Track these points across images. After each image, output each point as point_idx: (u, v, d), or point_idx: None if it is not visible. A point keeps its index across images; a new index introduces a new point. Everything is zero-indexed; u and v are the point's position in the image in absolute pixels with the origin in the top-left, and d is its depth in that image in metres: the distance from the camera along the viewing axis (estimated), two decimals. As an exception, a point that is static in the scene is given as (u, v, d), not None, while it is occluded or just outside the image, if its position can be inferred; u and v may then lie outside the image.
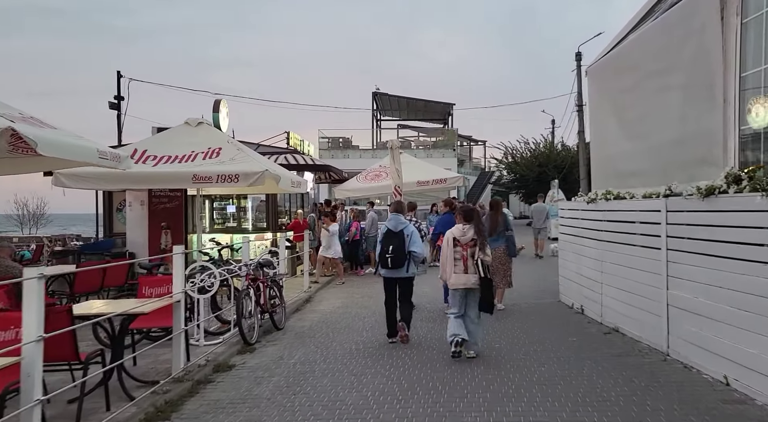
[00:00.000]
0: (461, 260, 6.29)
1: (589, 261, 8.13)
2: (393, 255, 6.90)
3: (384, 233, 7.19)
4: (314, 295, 11.42)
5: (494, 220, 9.07)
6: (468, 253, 6.26)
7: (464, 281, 6.24)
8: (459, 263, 6.28)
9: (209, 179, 9.78)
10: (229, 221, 14.63)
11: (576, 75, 27.10)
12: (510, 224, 9.43)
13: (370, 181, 15.88)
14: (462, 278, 6.25)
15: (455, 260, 6.31)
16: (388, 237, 7.08)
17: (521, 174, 35.43)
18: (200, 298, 6.90)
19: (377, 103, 31.21)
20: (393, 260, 6.90)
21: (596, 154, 9.06)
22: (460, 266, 6.27)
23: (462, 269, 6.26)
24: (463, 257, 6.29)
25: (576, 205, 8.91)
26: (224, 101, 15.39)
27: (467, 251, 6.27)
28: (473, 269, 6.19)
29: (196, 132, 10.81)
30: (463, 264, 6.28)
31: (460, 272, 6.26)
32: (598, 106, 8.91)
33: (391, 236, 7.10)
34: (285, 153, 13.56)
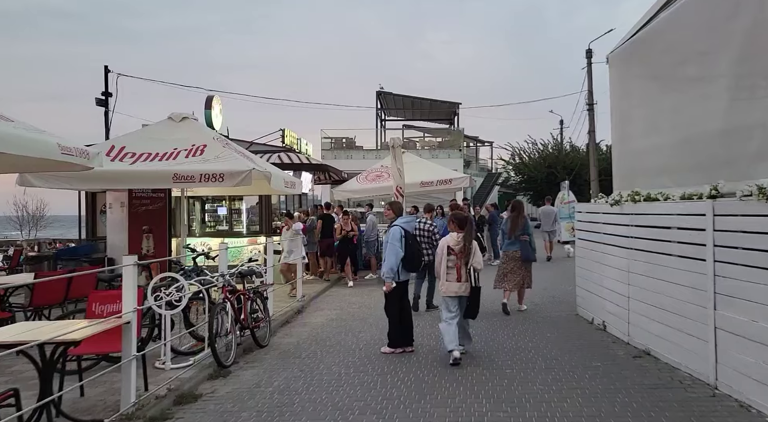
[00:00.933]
0: (454, 269, 6.21)
1: (612, 272, 7.10)
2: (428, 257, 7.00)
3: (405, 237, 6.61)
4: (308, 305, 10.44)
5: (515, 222, 8.85)
6: (462, 262, 6.19)
7: (456, 289, 6.21)
8: (452, 272, 6.21)
9: (191, 179, 8.87)
10: (222, 224, 13.70)
11: (587, 73, 26.04)
12: (529, 227, 9.06)
13: (371, 182, 14.90)
14: (454, 286, 6.22)
15: (448, 268, 6.23)
16: (413, 239, 6.76)
17: (529, 175, 34.30)
18: (167, 314, 5.93)
19: (381, 102, 30.21)
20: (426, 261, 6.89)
21: (619, 150, 8.02)
22: (453, 274, 6.21)
23: (455, 278, 6.20)
24: (457, 266, 6.20)
25: (597, 208, 7.87)
26: (217, 98, 14.48)
27: (461, 260, 6.20)
28: (466, 278, 6.18)
29: (179, 128, 9.90)
30: (456, 273, 6.20)
31: (453, 281, 6.22)
32: (621, 96, 7.87)
33: (413, 238, 6.78)
34: (279, 152, 12.62)
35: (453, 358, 5.99)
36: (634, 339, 6.48)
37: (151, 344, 6.23)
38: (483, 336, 7.47)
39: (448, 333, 6.14)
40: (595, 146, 26.60)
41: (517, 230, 8.80)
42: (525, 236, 8.85)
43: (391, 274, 6.52)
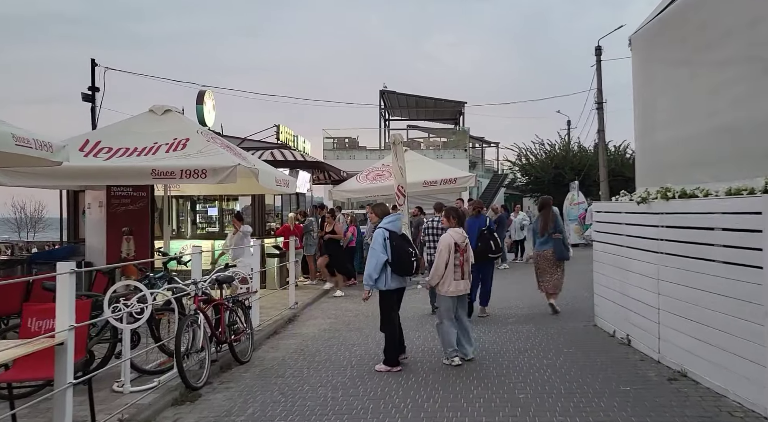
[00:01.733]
0: (459, 266, 5.98)
1: (638, 279, 6.20)
2: (416, 258, 5.97)
3: (389, 238, 5.91)
4: (300, 313, 9.58)
5: (545, 220, 8.47)
6: (464, 258, 6.03)
7: (462, 287, 6.04)
8: (458, 270, 5.97)
9: (171, 175, 8.06)
10: (214, 225, 12.89)
11: (595, 71, 25.09)
12: (560, 225, 8.70)
13: (371, 181, 14.04)
14: (461, 284, 6.02)
15: (455, 266, 5.95)
16: (398, 240, 5.94)
17: (536, 176, 33.31)
18: (126, 328, 5.10)
19: (385, 101, 29.35)
20: (416, 264, 5.95)
21: (642, 143, 7.13)
22: (458, 272, 5.97)
23: (460, 276, 5.99)
24: (461, 263, 6.00)
25: (618, 207, 6.99)
26: (210, 93, 13.67)
27: (463, 255, 6.04)
28: (468, 275, 6.06)
29: (161, 121, 9.08)
30: (461, 270, 5.99)
31: (459, 279, 6.00)
32: (645, 82, 6.99)
33: (399, 239, 6.00)
34: (272, 149, 11.79)
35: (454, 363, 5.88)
36: (667, 357, 5.58)
37: (115, 361, 5.42)
38: (491, 350, 6.59)
39: (446, 336, 5.97)
40: (604, 145, 25.64)
41: (549, 228, 8.41)
42: (558, 234, 8.48)
43: (370, 281, 5.86)
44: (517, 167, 36.00)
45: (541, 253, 8.65)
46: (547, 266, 8.48)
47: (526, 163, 34.66)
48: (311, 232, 12.74)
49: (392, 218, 6.21)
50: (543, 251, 8.60)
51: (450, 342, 5.98)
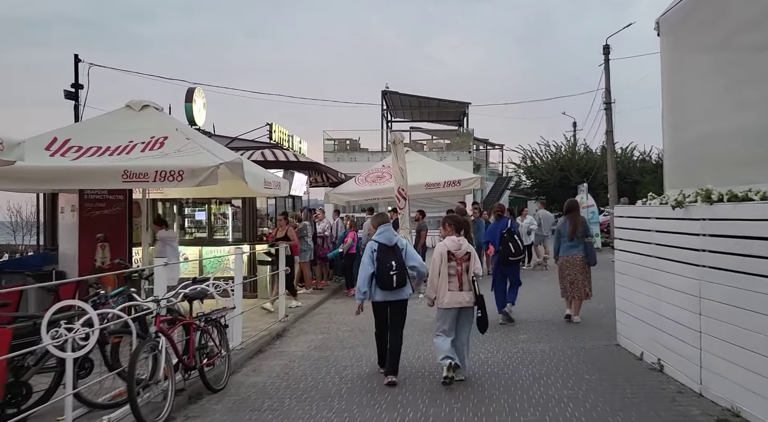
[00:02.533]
0: (456, 276, 5.56)
1: (673, 295, 5.30)
2: (398, 272, 5.61)
3: (376, 250, 5.74)
4: (291, 326, 8.71)
5: (574, 223, 8.02)
6: (463, 268, 5.59)
7: (460, 299, 5.54)
8: (454, 280, 5.56)
9: (144, 177, 7.18)
10: (203, 230, 12.02)
11: (603, 70, 24.16)
12: (589, 229, 8.36)
13: (370, 183, 13.17)
14: (457, 296, 5.55)
15: (449, 275, 5.57)
16: (386, 252, 5.70)
17: (541, 179, 32.39)
18: (69, 357, 4.23)
19: (387, 102, 28.47)
20: (398, 278, 5.61)
21: (673, 138, 6.24)
22: (455, 282, 5.56)
23: (457, 286, 5.55)
24: (458, 273, 5.56)
25: (647, 211, 6.09)
26: (200, 90, 12.85)
27: (462, 265, 5.59)
28: (468, 286, 5.56)
29: (139, 118, 8.22)
30: (458, 280, 5.55)
31: (455, 290, 5.55)
32: (676, 70, 6.10)
33: (387, 251, 5.73)
34: (263, 148, 10.95)
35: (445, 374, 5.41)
36: (711, 390, 4.68)
37: (62, 391, 4.57)
38: (501, 376, 5.71)
39: (440, 347, 5.57)
40: (613, 147, 24.69)
41: (579, 232, 7.98)
42: (588, 238, 8.16)
43: (359, 294, 5.78)
44: (522, 170, 35.09)
45: (568, 258, 8.10)
46: (576, 272, 8.00)
47: (531, 165, 33.75)
48: (305, 237, 11.88)
49: (382, 229, 5.90)
50: (571, 256, 8.06)
51: (441, 349, 5.57)
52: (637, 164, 33.98)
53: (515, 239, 8.10)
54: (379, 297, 5.73)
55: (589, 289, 8.11)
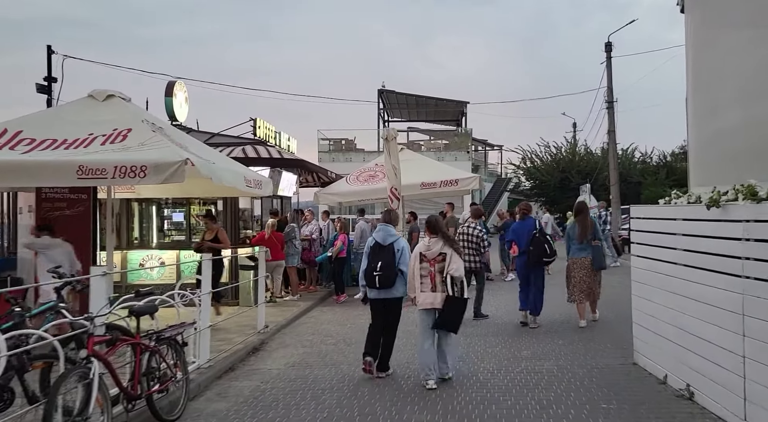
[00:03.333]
0: (428, 277, 5.45)
1: (707, 311, 4.46)
2: (381, 273, 5.62)
3: (371, 247, 5.90)
4: (270, 339, 7.85)
5: (583, 226, 7.81)
6: (436, 269, 5.42)
7: (431, 300, 5.42)
8: (426, 281, 5.46)
9: (102, 173, 6.34)
10: (183, 232, 11.16)
11: (605, 67, 23.33)
12: (599, 232, 8.11)
13: (362, 183, 12.33)
14: (429, 297, 5.44)
15: (422, 277, 5.48)
16: (376, 252, 5.79)
17: (541, 180, 31.58)
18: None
19: (384, 101, 27.63)
20: (381, 279, 5.62)
21: (701, 127, 5.40)
22: (427, 283, 5.46)
23: (429, 287, 5.44)
24: (431, 274, 5.44)
25: (671, 212, 5.24)
26: (181, 84, 12.00)
27: (434, 266, 5.44)
28: (441, 287, 5.38)
29: (102, 108, 7.38)
30: (430, 281, 5.44)
31: (428, 291, 5.45)
32: (705, 47, 5.26)
33: (378, 250, 5.79)
34: (244, 144, 10.10)
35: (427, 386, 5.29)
36: (760, 429, 3.83)
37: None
38: (503, 404, 4.85)
39: (424, 359, 5.42)
40: (615, 147, 23.85)
41: (588, 235, 7.77)
42: (597, 241, 7.90)
43: (360, 286, 6.12)
44: (522, 171, 34.29)
45: (576, 260, 7.89)
46: (584, 275, 7.76)
47: (531, 166, 32.95)
48: (293, 240, 11.04)
49: (380, 227, 6.00)
50: (579, 259, 7.85)
51: (424, 363, 5.45)
52: (638, 165, 33.23)
53: (548, 239, 7.84)
54: (371, 294, 5.83)
55: (599, 290, 7.99)
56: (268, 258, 8.85)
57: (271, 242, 10.60)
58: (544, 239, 7.79)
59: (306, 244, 11.87)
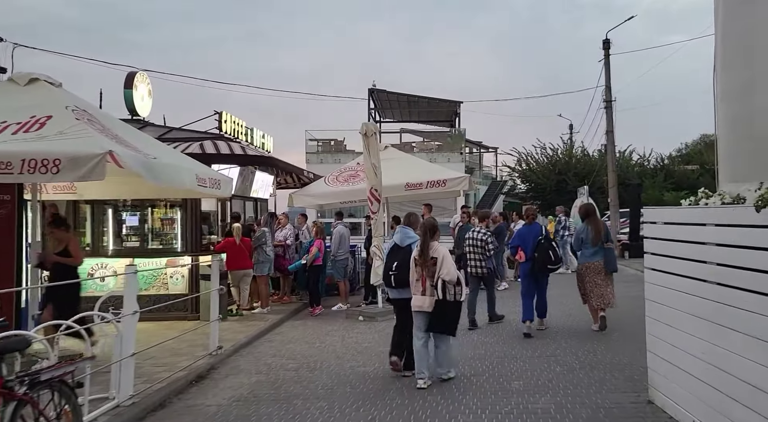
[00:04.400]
0: (419, 281, 5.43)
1: (754, 346, 3.34)
2: (396, 273, 5.67)
3: (390, 249, 6.06)
4: (222, 362, 6.71)
5: (596, 228, 7.58)
6: (427, 273, 5.37)
7: (420, 303, 5.41)
8: (417, 284, 5.45)
9: (6, 167, 5.29)
10: (147, 239, 9.95)
11: (603, 65, 22.30)
12: (609, 234, 7.86)
13: (342, 183, 11.22)
14: (419, 300, 5.42)
15: (415, 280, 5.47)
16: (394, 253, 5.88)
17: (537, 183, 30.53)
18: None
19: (375, 101, 26.52)
20: (396, 278, 5.68)
21: (735, 111, 4.28)
22: (418, 286, 5.44)
23: (420, 291, 5.42)
24: (422, 277, 5.41)
25: (701, 214, 4.12)
26: (143, 76, 10.88)
27: (426, 270, 5.37)
28: (431, 291, 5.33)
29: (22, 94, 6.31)
30: (421, 285, 5.42)
31: (418, 294, 5.43)
32: (740, 15, 4.16)
33: (396, 251, 5.86)
34: (204, 139, 8.97)
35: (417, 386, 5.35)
36: None
37: None
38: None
39: (419, 356, 5.46)
40: (613, 148, 22.78)
41: (602, 237, 7.52)
42: (609, 243, 7.68)
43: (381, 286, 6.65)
44: (517, 174, 33.23)
45: (589, 265, 7.61)
46: (598, 279, 7.51)
47: (527, 168, 31.89)
48: (263, 247, 9.91)
49: (398, 229, 6.14)
50: (592, 263, 7.57)
51: (417, 363, 5.48)
52: (636, 168, 32.25)
53: (554, 246, 7.60)
54: (392, 294, 5.99)
55: (613, 297, 7.60)
56: (222, 268, 7.72)
57: (239, 249, 9.50)
58: (548, 246, 7.50)
59: (280, 250, 10.77)
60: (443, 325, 5.40)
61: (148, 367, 6.23)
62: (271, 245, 10.23)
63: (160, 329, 8.38)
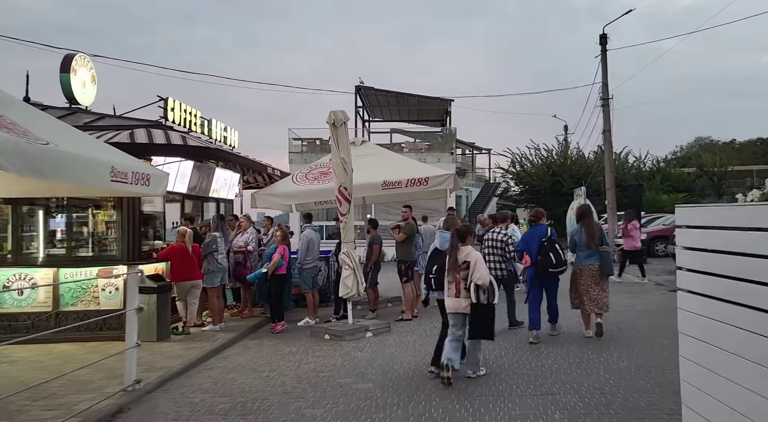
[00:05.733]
0: (453, 284, 5.54)
1: None
2: (436, 276, 5.80)
3: (431, 252, 6.18)
4: (136, 402, 5.30)
5: (590, 230, 7.27)
6: (461, 276, 5.45)
7: (455, 305, 5.54)
8: (452, 287, 5.56)
9: None
10: (76, 245, 8.48)
11: (600, 61, 20.96)
12: (606, 237, 7.53)
13: (312, 181, 9.86)
14: (454, 301, 5.55)
15: (448, 283, 5.60)
16: (434, 256, 6.00)
17: (531, 185, 29.19)
18: None
19: (362, 99, 25.11)
20: (437, 281, 5.79)
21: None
22: (452, 289, 5.56)
23: (454, 293, 5.54)
24: (456, 280, 5.50)
25: (751, 212, 2.75)
26: (84, 59, 9.48)
27: (459, 274, 5.47)
28: (465, 294, 5.44)
29: None
30: (455, 288, 5.52)
31: (452, 296, 5.56)
32: None
33: (437, 255, 5.98)
34: (135, 128, 7.55)
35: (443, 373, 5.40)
36: None
37: None
38: None
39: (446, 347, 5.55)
40: (611, 148, 21.46)
41: (596, 240, 7.25)
42: (605, 246, 7.34)
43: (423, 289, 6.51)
44: (511, 175, 31.89)
45: (584, 267, 7.29)
46: (592, 283, 7.21)
47: (521, 170, 30.55)
48: (214, 254, 8.52)
49: (439, 233, 6.26)
50: (587, 265, 7.27)
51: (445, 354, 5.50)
52: (632, 170, 31.06)
53: (556, 248, 7.11)
54: (435, 295, 5.99)
55: (607, 300, 7.26)
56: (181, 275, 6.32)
57: (186, 257, 8.11)
58: (550, 248, 7.05)
59: (240, 257, 9.38)
60: (485, 329, 5.46)
61: (36, 411, 4.85)
62: (223, 253, 8.83)
63: (83, 352, 7.01)
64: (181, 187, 9.08)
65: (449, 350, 5.49)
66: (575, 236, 7.46)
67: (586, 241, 7.21)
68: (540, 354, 6.53)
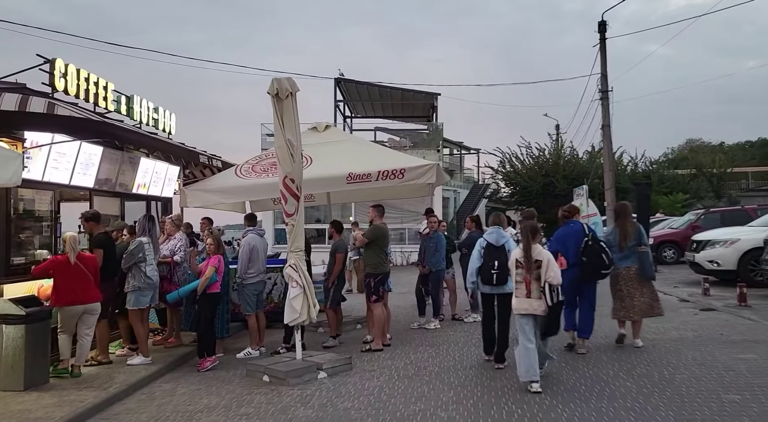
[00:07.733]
0: (523, 283, 5.22)
1: None
2: (499, 272, 5.75)
3: (484, 247, 5.95)
4: None
5: (623, 230, 6.56)
6: (532, 276, 5.13)
7: (526, 306, 5.17)
8: (521, 287, 5.23)
9: None
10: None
11: (599, 51, 19.00)
12: (644, 237, 6.65)
13: (259, 175, 7.70)
14: (523, 302, 5.20)
15: (517, 282, 5.29)
16: (491, 252, 5.89)
17: (523, 186, 27.25)
18: None
19: (343, 93, 22.92)
20: (498, 277, 5.78)
21: None
22: (521, 289, 5.22)
23: (524, 293, 5.19)
24: (526, 280, 5.18)
25: None
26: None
27: (531, 273, 5.17)
28: (538, 294, 5.11)
29: None
30: (525, 288, 5.19)
31: (522, 297, 5.23)
32: None
33: (493, 250, 5.89)
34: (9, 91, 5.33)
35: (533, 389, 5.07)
36: None
37: None
38: None
39: (524, 360, 5.10)
40: (610, 144, 19.51)
41: (630, 240, 6.46)
42: (643, 247, 6.53)
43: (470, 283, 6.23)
44: (501, 176, 29.92)
45: (620, 271, 6.54)
46: (631, 287, 6.49)
47: (511, 170, 28.59)
48: (140, 265, 6.38)
49: (491, 230, 6.10)
50: (624, 269, 6.52)
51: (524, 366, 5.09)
52: (627, 171, 29.35)
53: (604, 247, 6.35)
54: (485, 290, 5.99)
55: (657, 304, 6.57)
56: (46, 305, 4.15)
57: (75, 272, 5.91)
58: (599, 248, 6.34)
59: (164, 270, 7.22)
60: (555, 327, 5.27)
61: None
62: (153, 263, 6.69)
63: None
64: (86, 180, 6.92)
65: (530, 362, 5.05)
66: (609, 236, 6.82)
67: (618, 242, 6.57)
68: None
